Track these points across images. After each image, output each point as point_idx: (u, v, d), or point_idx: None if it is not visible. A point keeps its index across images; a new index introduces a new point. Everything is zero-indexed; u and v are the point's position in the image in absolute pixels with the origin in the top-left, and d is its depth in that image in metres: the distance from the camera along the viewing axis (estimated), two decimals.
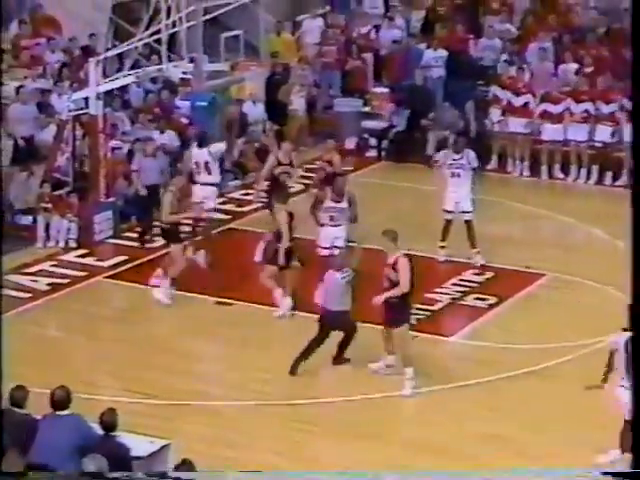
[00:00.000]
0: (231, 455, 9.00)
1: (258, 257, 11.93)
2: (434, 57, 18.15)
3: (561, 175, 16.69)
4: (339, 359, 10.66)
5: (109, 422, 7.41)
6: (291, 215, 11.88)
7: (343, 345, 10.65)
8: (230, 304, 12.13)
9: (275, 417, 9.78)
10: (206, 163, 13.16)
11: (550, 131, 16.65)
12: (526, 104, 16.79)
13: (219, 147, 13.64)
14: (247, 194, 15.79)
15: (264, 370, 10.61)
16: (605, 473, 5.39)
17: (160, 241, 14.04)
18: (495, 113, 17.07)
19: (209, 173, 13.16)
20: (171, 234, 12.27)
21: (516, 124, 16.79)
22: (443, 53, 18.16)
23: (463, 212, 13.05)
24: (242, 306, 12.07)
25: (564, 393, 10.16)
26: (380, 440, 9.36)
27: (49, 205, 14.07)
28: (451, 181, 13.14)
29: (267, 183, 13.64)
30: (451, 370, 10.59)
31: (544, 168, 16.72)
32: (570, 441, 9.28)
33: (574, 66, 17.27)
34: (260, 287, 12.52)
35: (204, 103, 16.66)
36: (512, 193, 15.85)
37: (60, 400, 7.52)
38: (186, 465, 6.89)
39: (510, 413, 9.80)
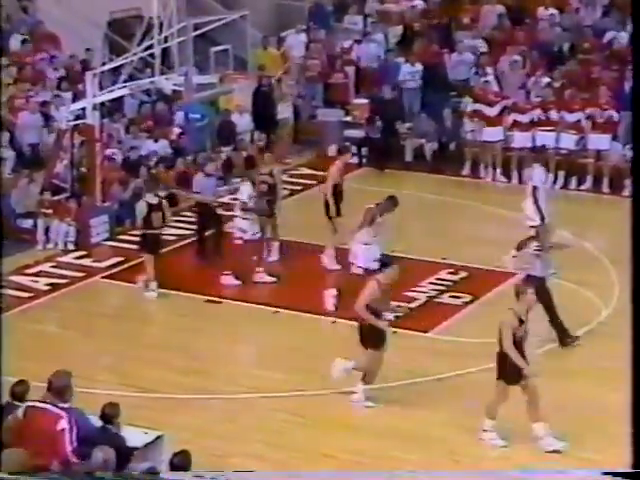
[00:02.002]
0: (222, 446, 8.94)
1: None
2: (411, 71, 18.18)
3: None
4: (564, 339, 10.38)
5: (110, 415, 7.32)
6: (155, 205, 12.16)
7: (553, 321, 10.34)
8: (219, 302, 12.09)
9: (263, 410, 9.72)
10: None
11: (520, 139, 16.69)
12: (499, 114, 16.82)
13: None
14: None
15: (251, 365, 10.57)
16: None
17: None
18: (468, 123, 17.10)
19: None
20: None
21: (488, 133, 16.81)
22: (419, 67, 18.19)
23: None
24: (230, 304, 12.02)
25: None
26: (363, 430, 9.31)
27: (49, 210, 13.99)
28: (543, 195, 12.95)
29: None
30: (429, 364, 10.55)
31: (514, 173, 16.75)
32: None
33: (545, 79, 17.33)
34: (247, 286, 12.50)
35: (197, 115, 16.60)
36: (485, 197, 15.88)
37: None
38: (182, 455, 6.84)
39: (484, 404, 9.76)
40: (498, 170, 16.85)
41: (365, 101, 18.15)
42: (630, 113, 15.14)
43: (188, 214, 15.03)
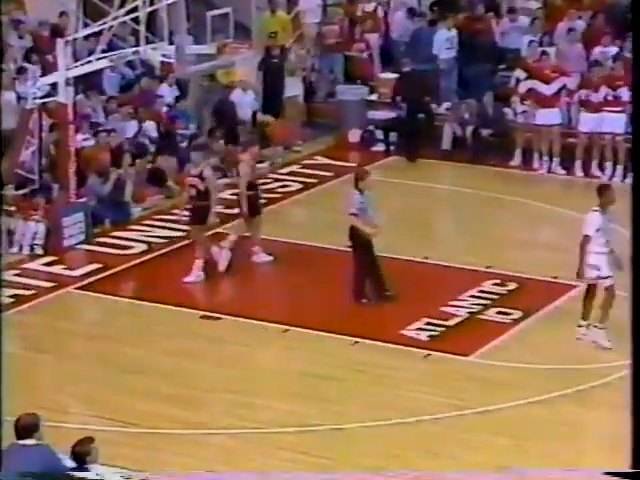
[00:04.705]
0: None
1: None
2: (448, 37, 18.19)
3: (598, 172, 16.62)
4: None
5: (82, 453, 7.36)
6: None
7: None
8: (217, 318, 12.16)
9: (266, 447, 9.77)
10: None
11: (588, 122, 16.55)
12: (556, 91, 16.77)
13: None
14: (237, 194, 15.81)
15: (252, 394, 10.61)
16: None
17: (138, 248, 14.08)
18: (518, 102, 17.08)
19: None
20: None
21: (544, 115, 16.78)
22: (456, 33, 18.20)
23: None
24: (230, 321, 12.09)
25: (599, 420, 10.14)
26: (381, 473, 9.30)
27: (12, 207, 14.06)
28: None
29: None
30: (469, 394, 10.57)
31: (578, 164, 16.67)
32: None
33: (613, 49, 17.27)
34: (251, 300, 12.56)
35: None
36: (539, 193, 15.88)
37: (26, 428, 7.49)
38: None
39: (537, 443, 9.77)
40: (555, 160, 16.84)
41: (393, 76, 18.19)
42: None
43: (181, 213, 15.09)
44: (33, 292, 12.85)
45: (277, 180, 16.29)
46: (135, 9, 14.40)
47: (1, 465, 7.14)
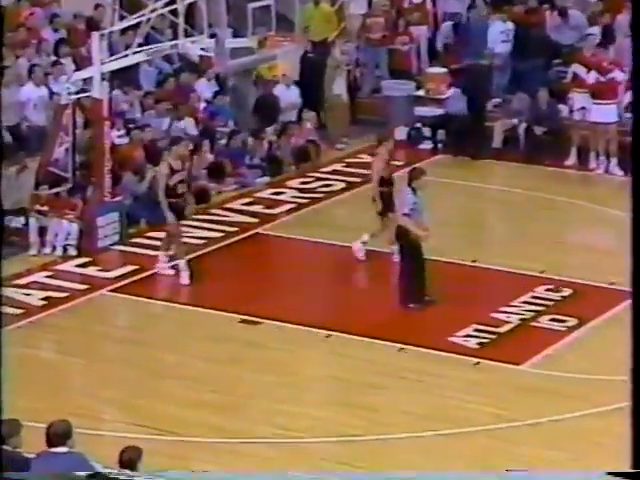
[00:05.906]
0: None
1: None
2: (504, 30, 18.09)
3: None
4: None
5: (132, 459, 7.36)
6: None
7: None
8: (257, 323, 12.17)
9: (307, 457, 9.79)
10: None
11: None
12: (614, 88, 16.63)
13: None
14: (278, 193, 15.85)
15: (293, 401, 10.62)
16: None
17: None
18: (575, 98, 16.96)
19: None
20: None
21: (600, 112, 16.65)
22: (512, 26, 18.12)
23: None
24: (270, 325, 12.11)
25: None
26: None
27: (45, 207, 14.15)
28: None
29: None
30: (520, 405, 10.52)
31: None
32: None
33: None
34: (292, 303, 12.57)
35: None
36: (595, 194, 15.77)
37: (58, 434, 7.52)
38: None
39: (591, 458, 9.69)
40: (613, 160, 16.69)
41: (442, 70, 18.13)
42: None
43: (219, 212, 15.16)
44: (66, 294, 12.92)
45: (319, 179, 16.30)
46: (173, 1, 14.47)
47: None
